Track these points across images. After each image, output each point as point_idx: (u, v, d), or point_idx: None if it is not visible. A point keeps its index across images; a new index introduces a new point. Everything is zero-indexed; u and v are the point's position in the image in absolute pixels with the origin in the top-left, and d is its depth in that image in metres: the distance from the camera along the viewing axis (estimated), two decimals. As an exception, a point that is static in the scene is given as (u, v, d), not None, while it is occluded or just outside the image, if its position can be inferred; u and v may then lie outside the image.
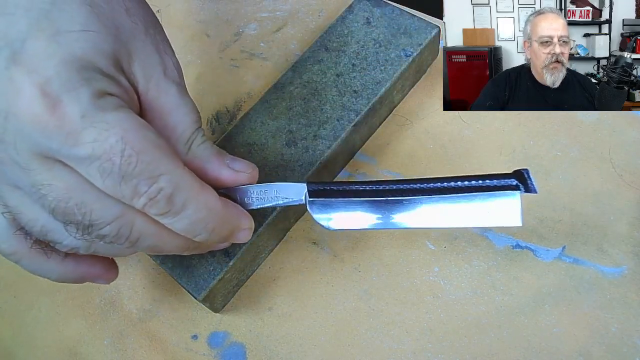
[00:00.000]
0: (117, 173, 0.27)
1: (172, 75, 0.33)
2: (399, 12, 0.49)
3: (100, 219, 0.29)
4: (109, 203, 0.29)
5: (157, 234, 0.31)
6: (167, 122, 0.32)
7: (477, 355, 0.39)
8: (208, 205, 0.31)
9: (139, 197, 0.28)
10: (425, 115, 0.49)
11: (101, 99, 0.28)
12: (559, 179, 0.45)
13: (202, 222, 0.31)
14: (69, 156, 0.27)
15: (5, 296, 0.46)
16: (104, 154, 0.27)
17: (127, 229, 0.30)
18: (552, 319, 0.40)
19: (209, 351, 0.42)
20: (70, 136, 0.26)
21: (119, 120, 0.27)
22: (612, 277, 0.41)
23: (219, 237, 0.33)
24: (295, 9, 0.57)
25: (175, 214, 0.30)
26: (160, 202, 0.29)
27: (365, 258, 0.44)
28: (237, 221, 0.34)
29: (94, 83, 0.28)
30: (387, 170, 0.47)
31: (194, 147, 0.33)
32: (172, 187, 0.29)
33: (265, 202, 0.36)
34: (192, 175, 0.31)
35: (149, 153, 0.28)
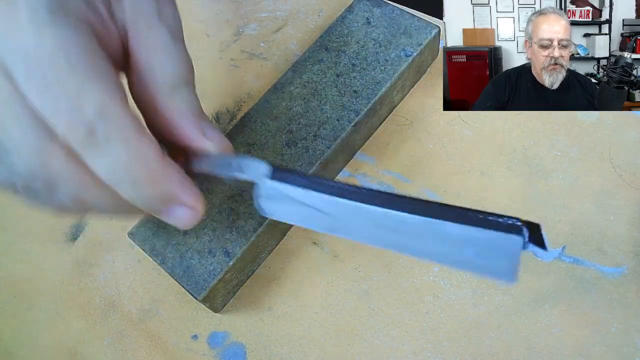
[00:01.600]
0: (42, 77, 0.25)
1: (167, 21, 0.31)
2: (399, 12, 0.49)
3: (16, 143, 0.26)
4: (28, 126, 0.26)
5: (78, 179, 0.27)
6: (151, 66, 0.30)
7: (477, 355, 0.39)
8: (138, 150, 0.27)
9: (59, 115, 0.26)
10: (425, 115, 0.49)
11: (60, 8, 0.26)
12: (559, 179, 0.45)
13: (126, 167, 0.27)
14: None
15: (5, 296, 0.46)
16: (35, 55, 0.26)
17: (44, 167, 0.27)
18: (552, 319, 0.40)
19: (209, 351, 0.42)
20: (10, 26, 0.26)
21: (64, 29, 0.26)
22: (612, 277, 0.41)
23: (146, 198, 0.29)
24: (295, 9, 0.57)
25: (95, 147, 0.26)
26: (79, 128, 0.26)
27: (365, 258, 0.44)
28: (174, 188, 0.30)
29: None
30: (387, 171, 0.47)
31: (175, 98, 0.30)
32: (97, 112, 0.26)
33: (215, 168, 0.32)
34: (128, 110, 0.27)
35: (81, 67, 0.26)
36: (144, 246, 0.42)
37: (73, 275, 0.47)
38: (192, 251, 0.41)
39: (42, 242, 0.49)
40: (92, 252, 0.47)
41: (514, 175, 0.45)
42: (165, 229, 0.42)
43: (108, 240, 0.48)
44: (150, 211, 0.31)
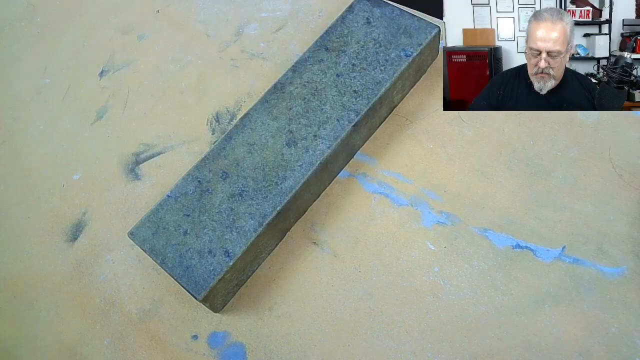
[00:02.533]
0: None
1: None
2: (399, 12, 0.49)
3: None
4: None
5: None
6: None
7: (477, 355, 0.39)
8: None
9: None
10: (425, 115, 0.49)
11: None
12: (559, 179, 0.45)
13: None
14: None
15: (5, 296, 0.46)
16: None
17: None
18: (552, 319, 0.40)
19: (209, 351, 0.42)
20: None
21: None
22: (612, 277, 0.41)
23: None
24: (295, 9, 0.57)
25: None
26: None
27: (365, 258, 0.44)
28: None
29: None
30: (387, 171, 0.47)
31: None
32: None
33: None
34: None
35: None
36: (144, 246, 0.42)
37: (73, 275, 0.47)
38: (192, 251, 0.41)
39: (42, 242, 0.49)
40: (92, 252, 0.47)
41: (514, 175, 0.45)
42: (165, 229, 0.42)
43: (108, 240, 0.48)
44: None
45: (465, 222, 0.44)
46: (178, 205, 0.43)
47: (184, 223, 0.42)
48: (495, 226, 0.44)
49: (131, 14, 0.63)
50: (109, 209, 0.49)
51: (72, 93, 0.58)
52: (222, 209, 0.42)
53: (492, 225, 0.44)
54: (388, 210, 0.45)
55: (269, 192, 0.42)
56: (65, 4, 0.65)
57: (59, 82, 0.59)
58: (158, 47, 0.59)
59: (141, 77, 0.57)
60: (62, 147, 0.54)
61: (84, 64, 0.60)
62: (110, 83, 0.58)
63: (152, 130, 0.53)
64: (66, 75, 0.59)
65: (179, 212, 0.42)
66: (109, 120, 0.55)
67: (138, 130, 0.53)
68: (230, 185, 0.43)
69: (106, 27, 0.62)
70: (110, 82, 0.58)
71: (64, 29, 0.63)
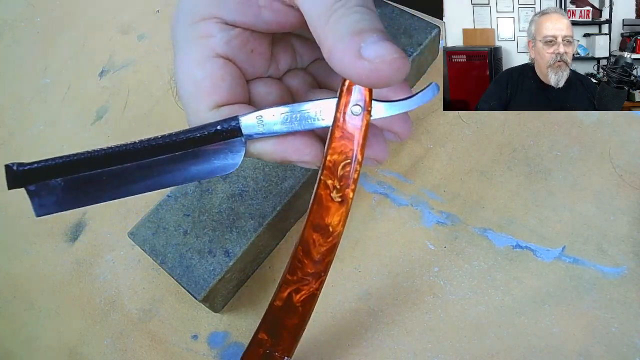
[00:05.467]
0: None
1: None
2: (399, 12, 0.49)
3: None
4: None
5: None
6: None
7: (477, 355, 0.39)
8: None
9: None
10: (425, 115, 0.49)
11: None
12: (559, 179, 0.45)
13: None
14: None
15: (5, 296, 0.46)
16: None
17: None
18: (552, 319, 0.40)
19: (209, 351, 0.42)
20: None
21: None
22: (612, 277, 0.41)
23: None
24: (295, 9, 0.57)
25: None
26: None
27: (365, 258, 0.44)
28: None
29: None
30: (387, 171, 0.47)
31: (332, 20, 0.27)
32: None
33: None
34: None
35: None
36: (144, 246, 0.42)
37: (73, 275, 0.47)
38: (192, 251, 0.41)
39: (42, 242, 0.49)
40: (92, 252, 0.47)
41: (514, 175, 0.45)
42: (165, 229, 0.42)
43: (108, 240, 0.48)
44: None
45: (465, 222, 0.44)
46: (178, 205, 0.43)
47: (184, 223, 0.42)
48: (495, 226, 0.43)
49: (131, 14, 0.63)
50: (109, 209, 0.49)
51: (72, 93, 0.58)
52: (222, 209, 0.42)
53: (492, 225, 0.44)
54: (388, 210, 0.45)
55: (269, 192, 0.42)
56: (65, 4, 0.65)
57: (59, 82, 0.59)
58: (158, 47, 0.59)
59: (141, 77, 0.57)
60: (62, 147, 0.54)
61: (84, 64, 0.60)
62: (110, 83, 0.58)
63: (152, 130, 0.53)
64: (66, 75, 0.59)
65: (179, 212, 0.42)
66: (109, 120, 0.55)
67: (138, 130, 0.53)
68: (230, 185, 0.43)
69: (106, 27, 0.62)
70: (110, 82, 0.58)
71: (64, 29, 0.63)
